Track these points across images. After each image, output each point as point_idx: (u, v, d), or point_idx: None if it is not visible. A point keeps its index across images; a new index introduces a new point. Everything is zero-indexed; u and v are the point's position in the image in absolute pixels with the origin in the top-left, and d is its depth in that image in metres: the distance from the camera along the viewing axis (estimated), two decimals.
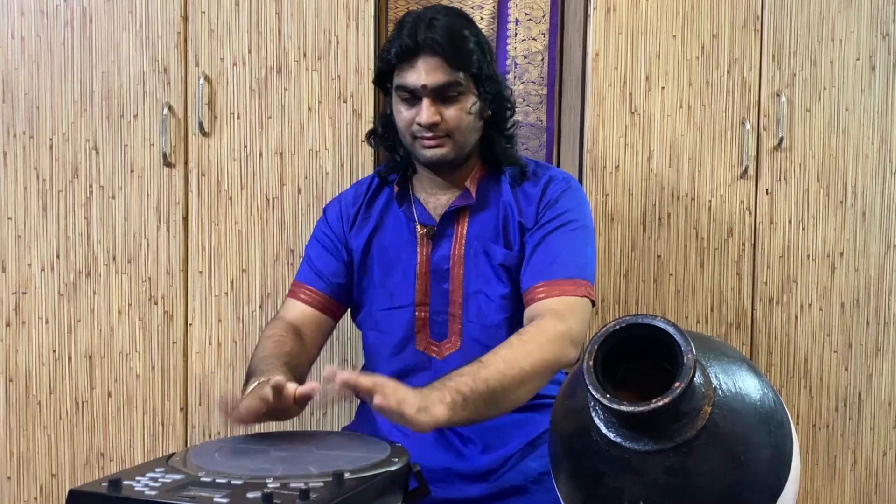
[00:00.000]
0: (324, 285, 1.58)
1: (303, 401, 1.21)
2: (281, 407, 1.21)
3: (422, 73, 1.44)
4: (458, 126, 1.47)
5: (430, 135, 1.46)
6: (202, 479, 0.99)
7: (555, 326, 1.36)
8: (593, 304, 1.47)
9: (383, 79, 1.52)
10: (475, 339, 1.50)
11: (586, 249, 1.50)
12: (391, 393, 1.13)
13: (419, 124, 1.46)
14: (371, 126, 1.87)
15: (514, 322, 1.49)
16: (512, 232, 1.51)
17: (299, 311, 1.56)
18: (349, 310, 1.64)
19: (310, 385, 1.20)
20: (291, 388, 1.20)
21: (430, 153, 1.48)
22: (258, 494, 0.91)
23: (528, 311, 1.43)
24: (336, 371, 1.13)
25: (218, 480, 0.98)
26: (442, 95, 1.45)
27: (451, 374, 1.24)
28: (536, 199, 1.52)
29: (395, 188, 1.58)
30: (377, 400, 1.12)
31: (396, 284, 1.55)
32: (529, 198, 1.52)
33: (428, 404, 1.15)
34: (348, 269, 1.59)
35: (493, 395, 1.24)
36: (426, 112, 1.45)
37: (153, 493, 0.93)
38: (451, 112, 1.46)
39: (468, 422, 1.25)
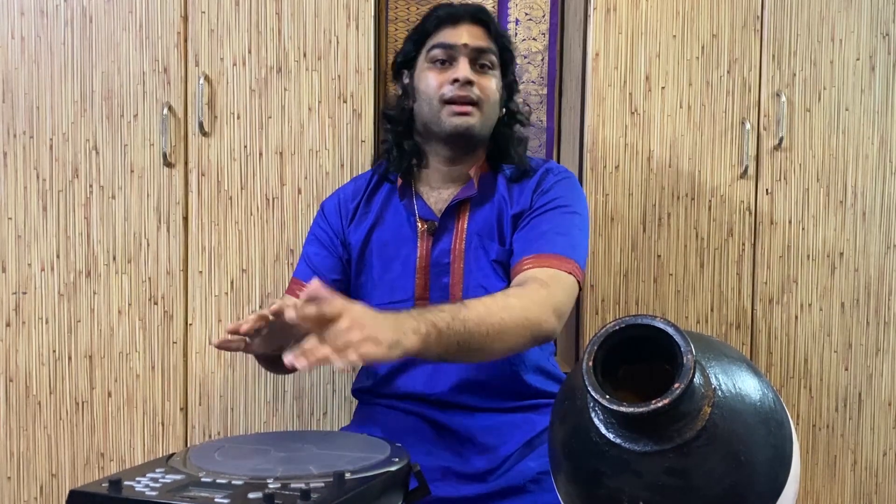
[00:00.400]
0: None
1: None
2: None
3: (464, 34, 1.51)
4: (488, 96, 1.51)
5: (463, 94, 1.48)
6: (203, 479, 0.99)
7: (538, 290, 1.35)
8: (581, 287, 1.45)
9: (408, 56, 1.57)
10: None
11: (576, 232, 1.49)
12: (359, 329, 1.04)
13: (455, 80, 1.48)
14: (372, 128, 1.88)
15: None
16: (506, 227, 1.52)
17: None
18: None
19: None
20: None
21: (458, 120, 1.49)
22: (259, 495, 0.91)
23: (514, 282, 1.43)
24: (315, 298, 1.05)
25: (219, 481, 0.98)
26: (476, 62, 1.51)
27: (432, 307, 1.22)
28: (531, 189, 1.53)
29: (399, 181, 1.58)
30: (339, 363, 1.01)
31: (396, 279, 1.55)
32: (524, 189, 1.54)
33: (400, 337, 1.09)
34: (345, 264, 1.60)
35: (470, 338, 1.20)
36: (464, 68, 1.49)
37: (154, 493, 0.93)
38: (483, 80, 1.51)
39: (438, 358, 1.22)
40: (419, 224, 1.55)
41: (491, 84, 1.52)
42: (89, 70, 1.85)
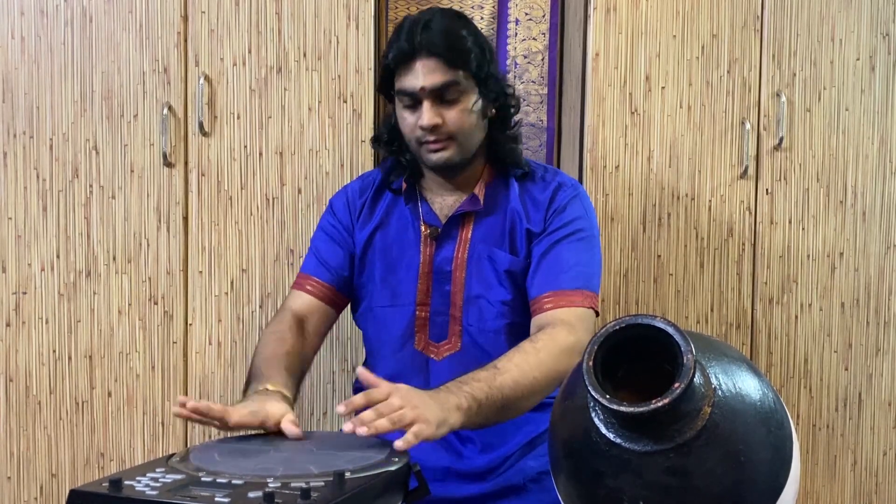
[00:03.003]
0: (330, 276, 1.57)
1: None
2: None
3: (420, 76, 1.43)
4: (460, 128, 1.46)
5: (433, 138, 1.45)
6: (203, 479, 0.98)
7: (566, 337, 1.37)
8: (597, 314, 1.47)
9: (385, 85, 1.52)
10: (474, 342, 1.50)
11: (593, 260, 1.51)
12: (410, 409, 1.13)
13: (421, 128, 1.45)
14: (372, 128, 1.88)
15: (513, 328, 1.49)
16: (519, 239, 1.51)
17: (306, 302, 1.56)
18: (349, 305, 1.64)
19: (294, 432, 1.20)
20: (279, 418, 1.22)
21: (435, 157, 1.47)
22: (259, 494, 0.91)
23: (536, 321, 1.44)
24: (357, 419, 1.13)
25: (219, 480, 0.98)
26: (442, 97, 1.44)
27: (468, 378, 1.25)
28: (545, 205, 1.52)
29: (403, 185, 1.57)
30: (398, 443, 1.11)
31: (399, 282, 1.55)
32: (538, 204, 1.52)
33: (446, 415, 1.17)
34: (353, 260, 1.59)
35: (506, 403, 1.26)
36: (427, 115, 1.44)
37: (154, 493, 0.93)
38: (452, 114, 1.45)
39: (476, 427, 1.27)
40: (423, 228, 1.55)
41: (461, 115, 1.46)
42: (89, 70, 1.85)
